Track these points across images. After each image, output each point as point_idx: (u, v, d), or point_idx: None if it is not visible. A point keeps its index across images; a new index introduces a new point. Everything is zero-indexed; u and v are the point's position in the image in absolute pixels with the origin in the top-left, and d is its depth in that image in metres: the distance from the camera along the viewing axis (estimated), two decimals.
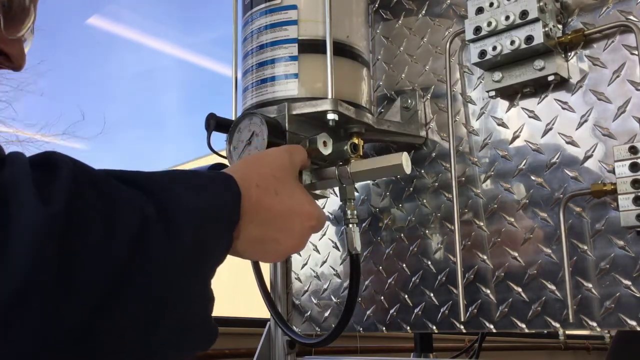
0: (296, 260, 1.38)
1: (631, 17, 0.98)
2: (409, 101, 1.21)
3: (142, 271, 0.50)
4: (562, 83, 1.03)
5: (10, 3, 0.67)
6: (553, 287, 1.01)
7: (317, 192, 0.99)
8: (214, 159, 1.08)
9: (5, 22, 0.67)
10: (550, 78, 1.01)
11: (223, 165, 0.90)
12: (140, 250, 0.50)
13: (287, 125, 0.91)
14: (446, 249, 1.15)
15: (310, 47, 0.97)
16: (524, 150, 1.07)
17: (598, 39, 1.00)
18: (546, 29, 0.98)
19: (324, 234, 1.34)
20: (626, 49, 0.98)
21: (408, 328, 1.18)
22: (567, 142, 1.02)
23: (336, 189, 1.02)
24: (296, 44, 0.97)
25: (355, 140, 0.97)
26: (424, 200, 1.19)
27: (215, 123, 0.96)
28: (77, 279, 0.46)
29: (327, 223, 1.34)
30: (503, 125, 1.10)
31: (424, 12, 1.25)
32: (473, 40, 1.05)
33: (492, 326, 1.07)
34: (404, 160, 0.87)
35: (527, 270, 1.04)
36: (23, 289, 0.43)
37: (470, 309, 1.09)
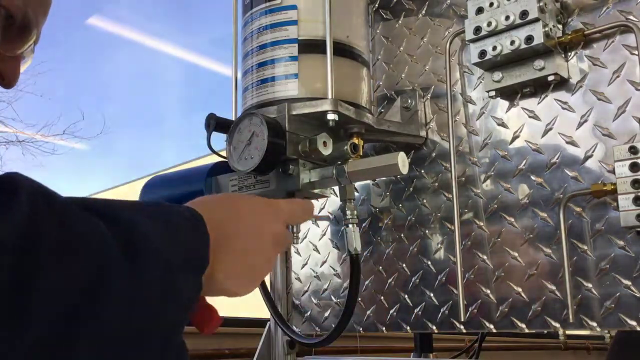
0: (296, 260, 1.38)
1: (631, 17, 0.98)
2: (409, 101, 1.21)
3: (97, 318, 0.46)
4: (562, 83, 1.03)
5: (12, 19, 0.64)
6: (553, 287, 1.01)
7: (317, 191, 0.99)
8: (214, 159, 1.08)
9: (3, 38, 0.64)
10: (550, 78, 1.01)
11: (226, 164, 0.90)
12: (98, 293, 0.46)
13: (287, 125, 0.91)
14: (446, 249, 1.15)
15: (310, 47, 0.97)
16: (524, 150, 1.07)
17: (598, 39, 1.00)
18: (546, 29, 0.98)
19: (324, 234, 1.34)
20: (626, 49, 0.98)
21: (408, 328, 1.18)
22: (567, 142, 1.02)
23: (336, 189, 1.02)
24: (296, 44, 0.97)
25: (355, 141, 0.97)
26: (424, 200, 1.19)
27: (215, 123, 0.96)
28: (26, 319, 0.42)
29: (327, 223, 1.34)
30: (503, 125, 1.10)
31: (424, 12, 1.25)
32: (473, 40, 1.05)
33: (492, 326, 1.07)
34: (400, 160, 0.87)
35: (527, 270, 1.04)
36: None
37: (470, 309, 1.09)
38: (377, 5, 1.32)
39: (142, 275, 0.49)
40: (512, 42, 0.99)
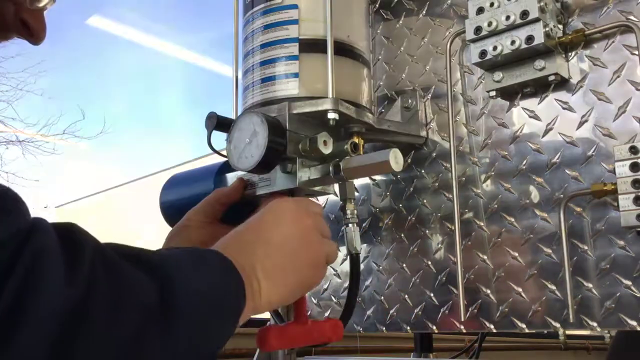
0: None
1: (631, 17, 0.98)
2: (410, 101, 1.21)
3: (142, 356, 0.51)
4: (562, 83, 1.03)
5: None
6: (553, 287, 1.01)
7: (318, 189, 0.99)
8: (215, 159, 1.08)
9: None
10: (551, 78, 1.01)
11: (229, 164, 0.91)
12: (138, 344, 0.50)
13: (287, 124, 0.91)
14: (446, 249, 1.15)
15: (311, 46, 0.97)
16: (525, 150, 1.07)
17: (598, 39, 1.00)
18: (547, 29, 0.98)
19: None
20: (626, 49, 0.98)
21: (408, 328, 1.18)
22: (568, 142, 1.02)
23: (337, 188, 1.02)
24: (297, 44, 0.96)
25: (356, 140, 0.97)
26: (424, 200, 1.19)
27: (215, 122, 0.96)
28: None
29: (328, 223, 1.33)
30: (503, 125, 1.10)
31: (424, 12, 1.25)
32: (473, 40, 1.05)
33: (492, 326, 1.07)
34: (392, 157, 0.87)
35: (527, 270, 1.04)
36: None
37: (470, 309, 1.09)
38: (377, 6, 1.32)
39: (177, 334, 0.54)
40: (513, 42, 0.99)
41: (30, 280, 0.45)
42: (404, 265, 1.20)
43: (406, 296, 1.19)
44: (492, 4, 1.02)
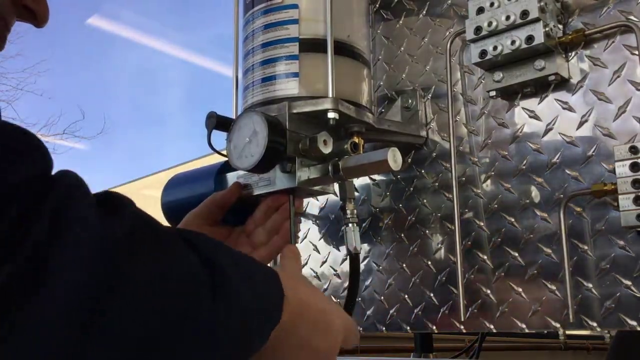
0: None
1: (631, 17, 0.98)
2: (410, 101, 1.21)
3: (173, 353, 0.46)
4: (562, 83, 1.03)
5: None
6: (553, 287, 1.01)
7: (318, 188, 0.99)
8: (215, 159, 1.08)
9: None
10: (551, 78, 1.01)
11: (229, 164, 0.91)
12: (182, 329, 0.46)
13: (287, 123, 0.91)
14: (446, 249, 1.15)
15: (311, 46, 0.97)
16: (525, 150, 1.07)
17: (598, 39, 1.00)
18: (547, 29, 0.98)
19: (324, 234, 1.34)
20: (627, 49, 0.98)
21: (408, 328, 1.18)
22: (568, 142, 1.02)
23: (337, 188, 1.02)
24: (297, 43, 0.96)
25: (356, 140, 0.97)
26: (424, 200, 1.19)
27: (215, 121, 0.96)
28: (98, 338, 0.41)
29: (328, 223, 1.34)
30: (503, 125, 1.10)
31: (424, 12, 1.25)
32: (474, 40, 1.05)
33: (492, 326, 1.07)
34: (390, 156, 0.87)
35: (527, 270, 1.04)
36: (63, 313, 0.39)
37: (470, 309, 1.09)
38: (377, 6, 1.32)
39: (226, 319, 0.50)
40: (513, 42, 0.99)
41: (62, 224, 0.40)
42: (404, 265, 1.20)
43: (406, 296, 1.19)
44: (492, 4, 1.02)
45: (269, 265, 0.99)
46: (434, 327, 1.14)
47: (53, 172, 0.45)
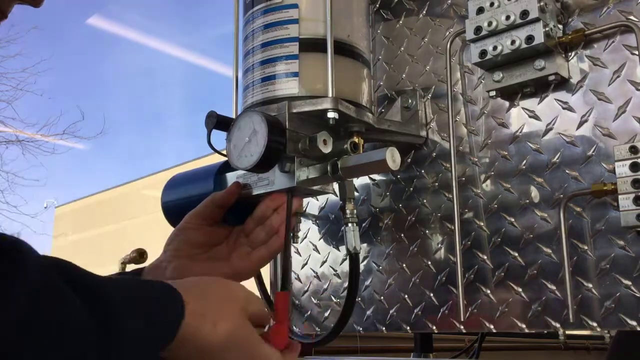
0: (296, 260, 1.38)
1: (631, 17, 0.98)
2: (410, 101, 1.21)
3: None
4: (562, 83, 1.03)
5: None
6: (553, 287, 1.01)
7: (317, 188, 0.99)
8: (215, 158, 1.08)
9: None
10: (551, 78, 1.01)
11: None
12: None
13: (287, 123, 0.91)
14: (446, 249, 1.15)
15: (311, 46, 0.97)
16: (524, 150, 1.07)
17: (598, 39, 1.00)
18: (547, 29, 0.98)
19: (324, 234, 1.34)
20: (626, 49, 0.98)
21: (408, 328, 1.18)
22: (568, 142, 1.02)
23: (336, 188, 1.02)
24: (297, 43, 0.96)
25: (356, 139, 0.97)
26: (424, 200, 1.19)
27: (215, 121, 0.96)
28: None
29: (328, 223, 1.34)
30: (503, 125, 1.10)
31: (424, 12, 1.25)
32: (474, 40, 1.05)
33: (492, 326, 1.07)
34: (389, 156, 0.87)
35: (527, 270, 1.04)
36: None
37: (470, 309, 1.09)
38: (377, 6, 1.32)
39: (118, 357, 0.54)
40: (513, 42, 0.99)
41: None
42: (404, 265, 1.20)
43: (406, 296, 1.19)
44: (492, 4, 1.02)
45: (265, 264, 1.00)
46: (434, 327, 1.14)
47: None
